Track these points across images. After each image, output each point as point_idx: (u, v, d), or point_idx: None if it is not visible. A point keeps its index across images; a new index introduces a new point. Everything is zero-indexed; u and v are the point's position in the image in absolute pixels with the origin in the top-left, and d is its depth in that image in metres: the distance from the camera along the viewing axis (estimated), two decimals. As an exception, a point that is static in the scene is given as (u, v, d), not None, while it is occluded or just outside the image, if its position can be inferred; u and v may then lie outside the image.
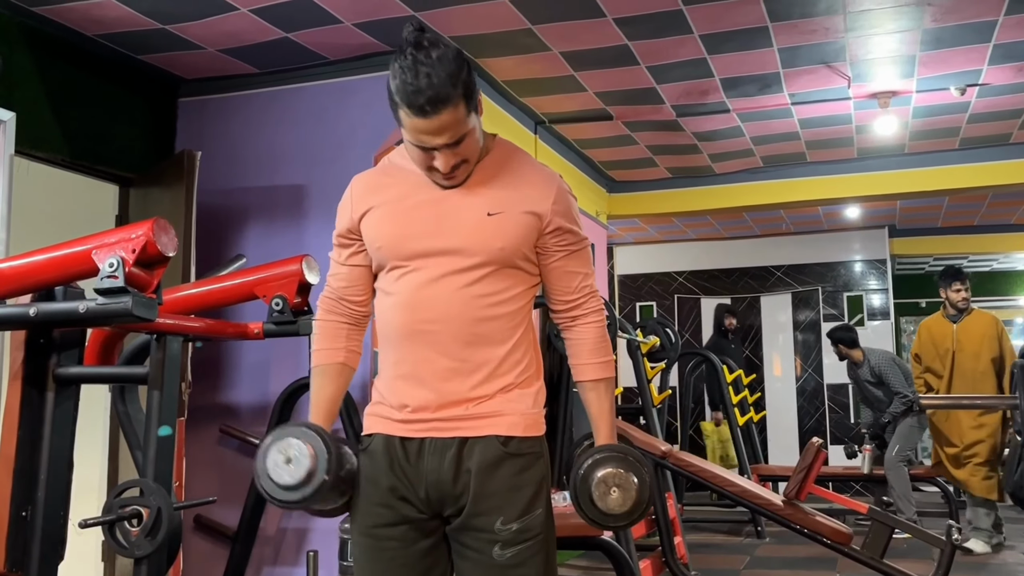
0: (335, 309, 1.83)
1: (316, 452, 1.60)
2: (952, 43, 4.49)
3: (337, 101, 4.49)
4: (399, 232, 1.71)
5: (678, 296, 9.80)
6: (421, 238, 1.69)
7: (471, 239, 1.67)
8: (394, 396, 1.72)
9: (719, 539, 6.38)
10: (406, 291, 1.71)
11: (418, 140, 1.61)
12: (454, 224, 1.69)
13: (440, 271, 1.68)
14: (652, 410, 5.63)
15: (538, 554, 1.67)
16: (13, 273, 2.48)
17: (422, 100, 1.55)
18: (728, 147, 6.28)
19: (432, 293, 1.68)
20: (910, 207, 8.40)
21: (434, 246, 1.69)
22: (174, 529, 2.58)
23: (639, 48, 4.46)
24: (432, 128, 1.58)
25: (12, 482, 2.61)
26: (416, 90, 1.55)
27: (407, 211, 1.72)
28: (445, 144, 1.61)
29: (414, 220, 1.71)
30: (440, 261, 1.68)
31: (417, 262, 1.70)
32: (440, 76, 1.55)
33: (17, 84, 3.87)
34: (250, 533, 4.02)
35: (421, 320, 1.68)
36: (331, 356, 1.82)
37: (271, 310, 3.21)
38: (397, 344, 1.72)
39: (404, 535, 1.69)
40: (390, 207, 1.74)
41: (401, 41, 1.60)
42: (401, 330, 1.71)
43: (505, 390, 1.69)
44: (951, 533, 3.65)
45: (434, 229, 1.69)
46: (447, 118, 1.57)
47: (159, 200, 4.27)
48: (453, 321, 1.67)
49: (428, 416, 1.68)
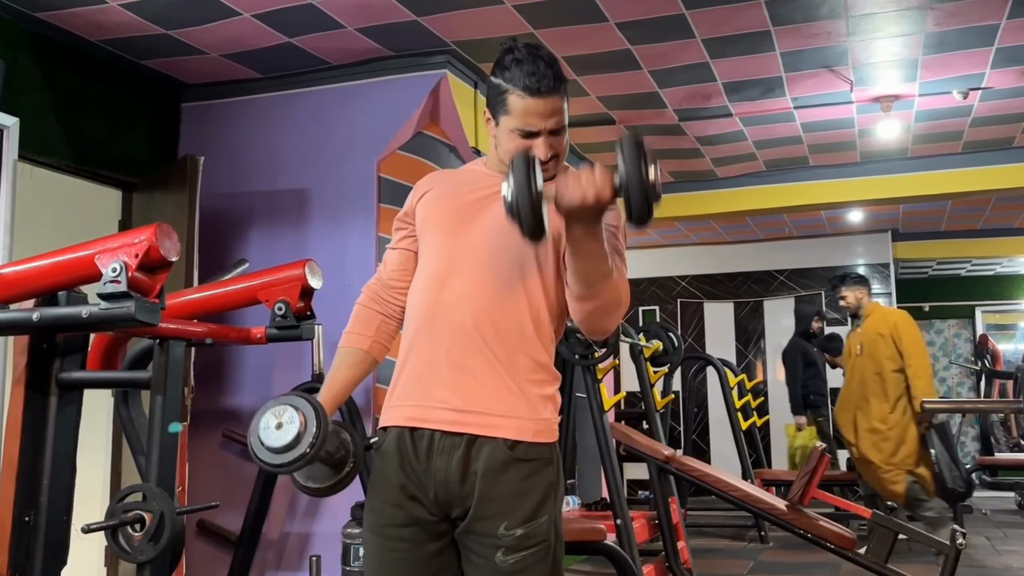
0: (375, 296, 1.88)
1: (306, 422, 1.62)
2: (955, 47, 4.49)
3: (340, 106, 4.50)
4: (445, 215, 1.78)
5: (681, 300, 9.80)
6: (460, 228, 1.75)
7: (504, 237, 1.68)
8: (409, 382, 1.73)
9: (722, 544, 6.36)
10: (435, 272, 1.75)
11: (526, 123, 1.70)
12: (491, 224, 1.72)
13: (470, 264, 1.72)
14: (655, 415, 5.62)
15: (542, 561, 1.65)
16: (16, 278, 2.48)
17: (540, 80, 1.68)
18: (731, 151, 6.28)
19: (459, 271, 1.72)
20: (913, 211, 8.40)
21: (468, 240, 1.73)
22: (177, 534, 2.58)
23: (641, 52, 4.46)
24: (544, 110, 1.69)
25: (15, 487, 2.61)
26: (534, 72, 1.68)
27: (458, 199, 1.80)
28: (551, 129, 1.71)
29: (460, 210, 1.78)
30: (472, 255, 1.72)
31: (452, 249, 1.74)
32: (555, 67, 1.71)
33: (21, 89, 3.88)
34: (253, 538, 4.01)
35: (443, 300, 1.71)
36: (358, 341, 1.84)
37: (274, 314, 3.21)
38: (417, 327, 1.74)
39: (414, 536, 1.69)
40: (447, 192, 1.83)
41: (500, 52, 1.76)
42: (423, 312, 1.73)
43: (522, 389, 1.69)
44: (956, 538, 3.64)
45: (472, 224, 1.74)
46: (558, 103, 1.70)
47: (162, 205, 4.27)
48: (473, 303, 1.69)
49: (440, 404, 1.68)
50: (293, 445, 1.61)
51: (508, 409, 1.67)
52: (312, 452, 1.61)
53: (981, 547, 6.01)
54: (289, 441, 1.61)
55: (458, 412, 1.67)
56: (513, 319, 1.70)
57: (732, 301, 9.63)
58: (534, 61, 1.68)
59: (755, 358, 9.49)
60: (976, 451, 11.04)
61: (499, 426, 1.66)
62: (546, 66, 1.69)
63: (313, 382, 3.93)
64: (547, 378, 1.73)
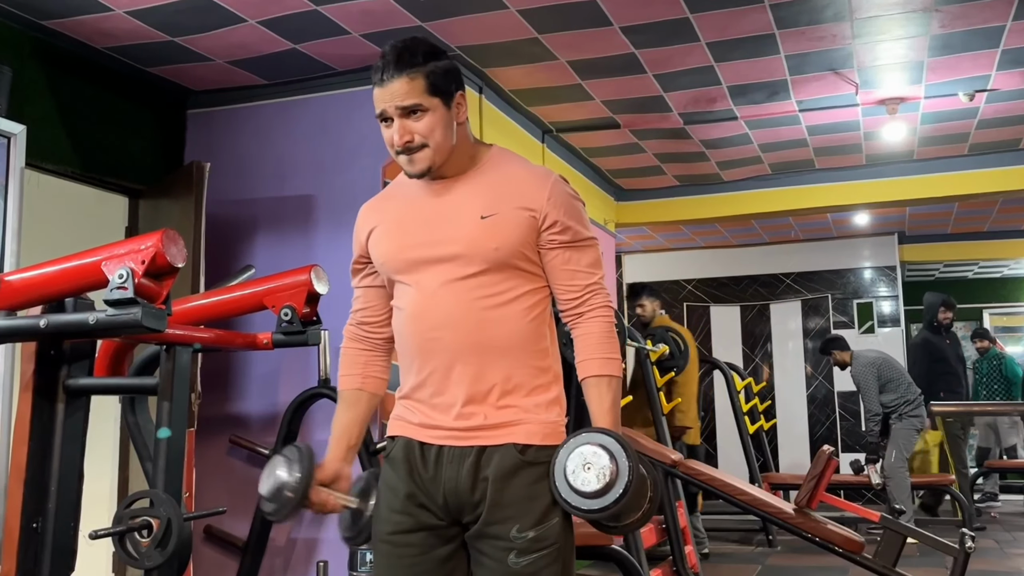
0: (354, 336, 1.88)
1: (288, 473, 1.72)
2: (960, 49, 4.48)
3: (345, 112, 4.51)
4: (396, 245, 1.75)
5: (687, 304, 9.78)
6: (417, 248, 1.72)
7: (466, 244, 1.68)
8: (413, 407, 1.74)
9: (730, 548, 6.35)
10: (411, 303, 1.73)
11: (376, 110, 1.70)
12: (448, 231, 1.70)
13: (440, 279, 1.70)
14: (662, 419, 5.61)
15: (554, 563, 1.66)
16: (24, 285, 2.49)
17: (380, 71, 1.68)
18: (736, 154, 6.27)
19: (435, 302, 1.69)
20: (919, 213, 8.38)
21: (431, 254, 1.71)
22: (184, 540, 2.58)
23: (646, 56, 4.46)
24: (385, 95, 1.68)
25: (23, 493, 2.62)
26: (377, 66, 1.69)
27: (403, 224, 1.76)
28: (399, 107, 1.67)
29: (409, 231, 1.75)
30: (439, 269, 1.70)
31: (418, 273, 1.72)
32: (401, 51, 1.68)
33: (27, 97, 3.89)
34: (260, 544, 4.01)
35: (429, 329, 1.70)
36: (348, 383, 1.87)
37: (280, 320, 3.21)
38: (411, 356, 1.74)
39: (423, 542, 1.69)
40: (390, 223, 1.79)
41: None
42: (412, 342, 1.73)
43: (523, 396, 1.69)
44: (964, 541, 3.63)
45: (429, 238, 1.72)
46: (400, 86, 1.66)
47: (168, 211, 4.28)
48: (459, 328, 1.68)
49: (446, 425, 1.68)
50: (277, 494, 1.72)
51: (515, 418, 1.67)
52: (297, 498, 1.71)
53: (990, 550, 5.98)
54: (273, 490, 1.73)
55: (464, 431, 1.68)
56: (504, 330, 1.69)
57: (738, 305, 9.61)
58: (383, 55, 1.69)
59: (762, 362, 9.47)
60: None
61: (508, 434, 1.67)
62: (390, 52, 1.68)
63: (320, 387, 3.94)
64: (550, 381, 1.74)
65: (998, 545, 6.23)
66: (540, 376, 1.72)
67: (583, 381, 1.74)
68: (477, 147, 1.79)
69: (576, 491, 1.60)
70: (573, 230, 1.73)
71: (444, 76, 1.70)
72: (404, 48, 1.68)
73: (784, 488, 7.13)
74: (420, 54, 1.68)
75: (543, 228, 1.71)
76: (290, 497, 1.69)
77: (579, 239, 1.74)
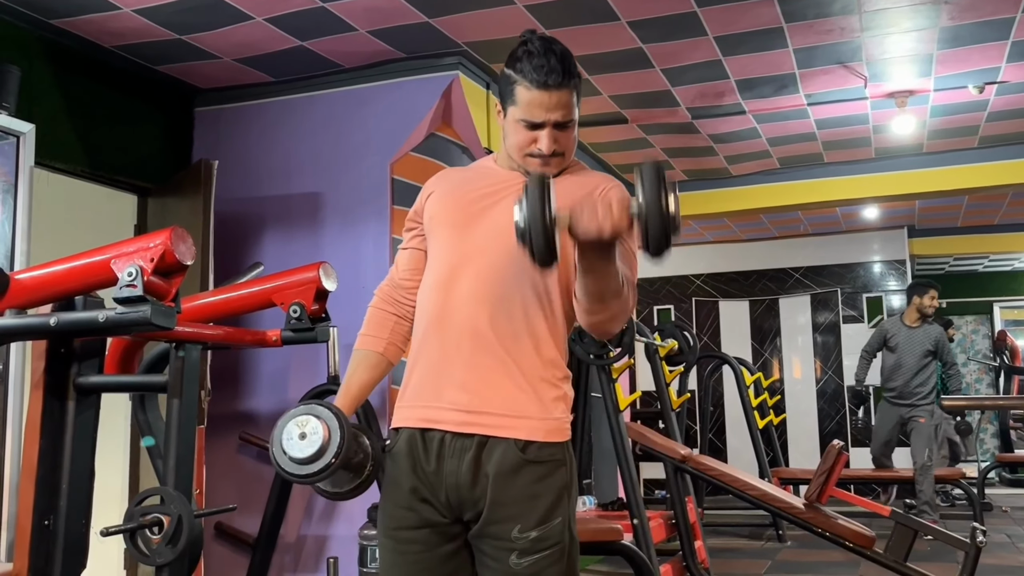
0: (387, 298, 1.87)
1: (330, 433, 1.63)
2: (969, 41, 4.45)
3: (352, 109, 4.51)
4: (452, 213, 1.78)
5: (696, 299, 9.77)
6: (468, 225, 1.74)
7: (510, 239, 1.66)
8: (420, 383, 1.73)
9: (740, 543, 6.34)
10: (443, 272, 1.74)
11: (531, 114, 1.70)
12: (499, 220, 1.71)
13: (479, 262, 1.71)
14: (671, 414, 5.60)
15: (557, 563, 1.64)
16: (34, 283, 2.50)
17: (548, 74, 1.68)
18: (744, 149, 6.25)
19: (467, 279, 1.70)
20: (929, 207, 8.34)
21: (477, 237, 1.72)
22: (195, 537, 2.59)
23: (653, 51, 4.45)
24: (550, 103, 1.69)
25: (35, 491, 2.63)
26: (543, 65, 1.68)
27: (465, 196, 1.79)
28: (556, 121, 1.70)
29: (468, 206, 1.77)
30: (480, 252, 1.71)
31: (460, 247, 1.73)
32: (567, 61, 1.70)
33: (36, 97, 3.91)
34: (270, 540, 4.03)
35: (452, 304, 1.70)
36: (372, 344, 1.84)
37: (289, 317, 3.22)
38: (427, 328, 1.73)
39: (426, 538, 1.68)
40: (455, 190, 1.82)
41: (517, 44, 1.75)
42: (432, 312, 1.72)
43: (532, 389, 1.67)
44: (976, 536, 3.61)
45: (481, 221, 1.74)
46: (565, 97, 1.69)
47: (177, 209, 4.29)
48: (489, 306, 1.68)
49: (450, 404, 1.67)
50: (317, 456, 1.62)
51: (519, 409, 1.66)
52: (337, 463, 1.63)
53: (1002, 545, 5.96)
54: (313, 452, 1.61)
55: (468, 413, 1.66)
56: (523, 317, 1.69)
57: (747, 299, 9.59)
58: (545, 54, 1.68)
59: (771, 356, 9.45)
60: (996, 448, 10.96)
61: (510, 427, 1.65)
62: (556, 60, 1.68)
63: (329, 384, 3.94)
64: (559, 376, 1.72)
65: (1010, 540, 6.21)
66: (550, 369, 1.70)
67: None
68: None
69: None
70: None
71: (580, 89, 1.76)
72: (566, 56, 1.71)
73: (794, 483, 7.12)
74: (572, 65, 1.72)
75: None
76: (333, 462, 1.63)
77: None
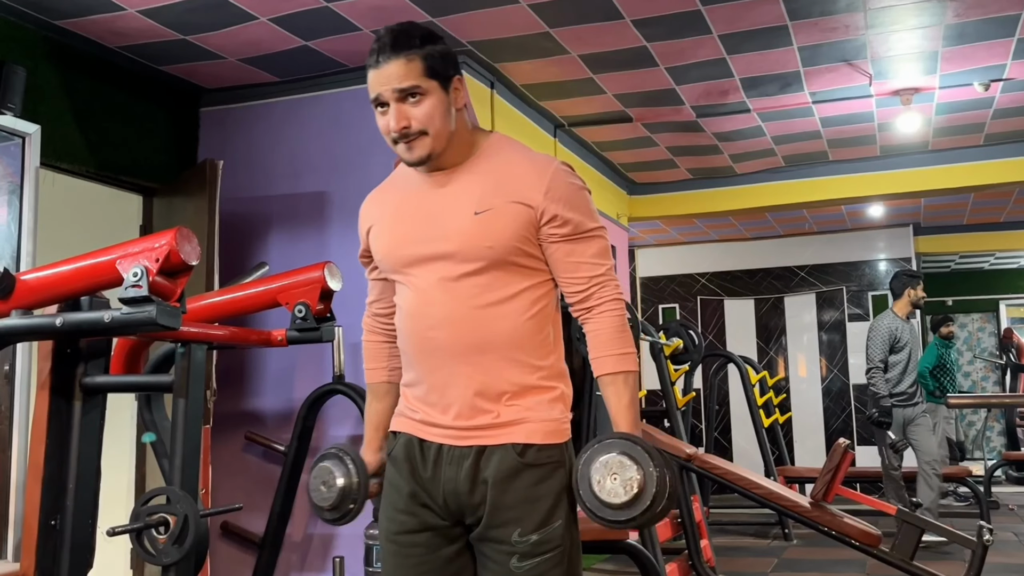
0: (373, 328, 1.89)
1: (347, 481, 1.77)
2: (975, 38, 4.44)
3: (357, 108, 4.51)
4: (392, 242, 1.73)
5: (701, 298, 9.76)
6: (411, 245, 1.69)
7: (459, 242, 1.64)
8: (413, 405, 1.73)
9: (746, 542, 6.33)
10: (408, 301, 1.71)
11: (372, 93, 1.64)
12: (442, 227, 1.66)
13: (435, 277, 1.66)
14: (676, 413, 5.60)
15: (558, 566, 1.62)
16: (39, 284, 2.50)
17: (376, 54, 1.62)
18: (749, 147, 6.24)
19: (431, 300, 1.67)
20: (935, 205, 8.32)
21: (424, 252, 1.68)
22: (201, 536, 2.59)
23: (658, 49, 4.45)
24: (380, 77, 1.62)
25: (41, 491, 2.63)
26: (372, 49, 1.63)
27: (399, 219, 1.73)
28: (396, 90, 1.61)
29: (404, 228, 1.72)
30: (433, 267, 1.67)
31: (413, 270, 1.70)
32: (402, 34, 1.63)
33: (41, 97, 3.91)
34: (276, 539, 4.03)
35: (426, 328, 1.67)
36: (375, 375, 1.89)
37: (294, 317, 3.22)
38: (411, 354, 1.72)
39: (428, 541, 1.68)
40: (387, 219, 1.77)
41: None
42: (411, 340, 1.71)
43: (523, 395, 1.65)
44: (982, 534, 3.61)
45: (422, 235, 1.68)
46: (397, 66, 1.61)
47: (182, 209, 4.30)
48: (456, 328, 1.64)
49: (446, 423, 1.66)
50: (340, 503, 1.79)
51: (515, 416, 1.64)
52: (358, 506, 1.79)
53: (1009, 543, 5.95)
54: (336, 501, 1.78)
55: (464, 430, 1.65)
56: (502, 329, 1.64)
57: (753, 298, 9.58)
58: (379, 38, 1.64)
59: (776, 355, 9.44)
60: (1002, 446, 10.93)
61: (507, 433, 1.63)
62: (388, 36, 1.63)
63: (334, 384, 3.94)
64: (551, 377, 1.68)
65: (1016, 538, 6.19)
66: (539, 373, 1.67)
67: (599, 379, 1.68)
68: (476, 134, 1.74)
69: (604, 503, 1.56)
70: (574, 222, 1.65)
71: (442, 59, 1.65)
72: (400, 31, 1.63)
73: (800, 481, 7.11)
74: (417, 36, 1.63)
75: (542, 223, 1.64)
76: (352, 507, 1.78)
77: (581, 231, 1.67)
